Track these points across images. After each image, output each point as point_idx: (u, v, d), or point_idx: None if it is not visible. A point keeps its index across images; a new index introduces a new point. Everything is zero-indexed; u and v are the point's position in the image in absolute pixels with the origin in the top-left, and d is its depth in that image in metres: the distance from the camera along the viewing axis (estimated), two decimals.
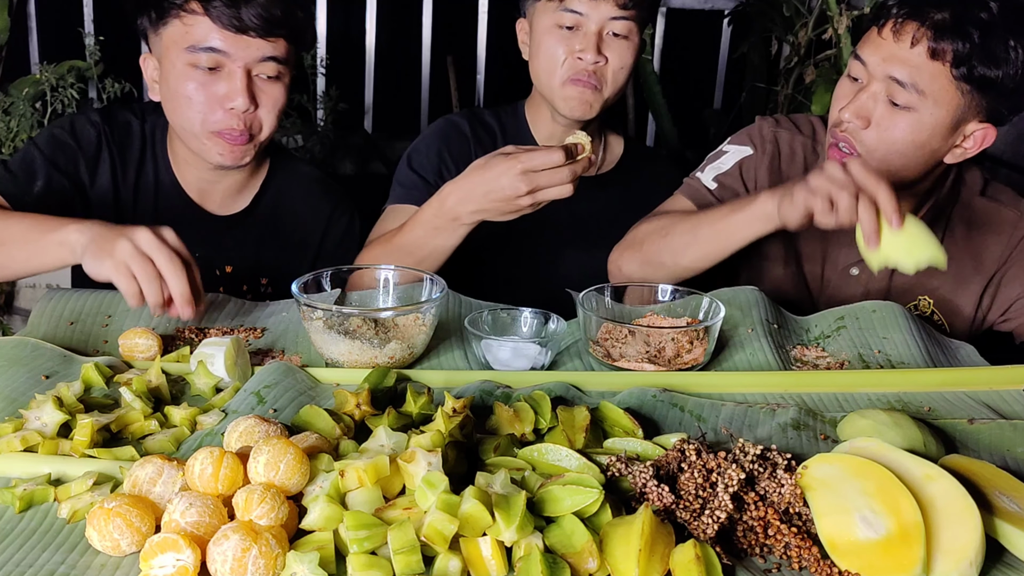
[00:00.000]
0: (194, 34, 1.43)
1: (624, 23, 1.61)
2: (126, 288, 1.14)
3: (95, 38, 2.95)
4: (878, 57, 1.38)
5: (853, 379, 1.21)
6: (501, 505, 0.78)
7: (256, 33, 1.43)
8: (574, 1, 1.60)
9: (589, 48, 1.60)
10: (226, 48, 1.43)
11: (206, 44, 1.43)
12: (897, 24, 1.36)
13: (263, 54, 1.45)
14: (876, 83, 1.39)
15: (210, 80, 1.45)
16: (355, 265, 1.34)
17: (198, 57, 1.44)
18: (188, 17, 1.43)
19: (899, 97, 1.37)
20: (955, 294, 1.56)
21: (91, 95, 3.03)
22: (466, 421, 0.95)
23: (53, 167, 1.53)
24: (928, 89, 1.35)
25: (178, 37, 1.45)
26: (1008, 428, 1.07)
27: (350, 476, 0.83)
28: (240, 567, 0.74)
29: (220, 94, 1.45)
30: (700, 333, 1.22)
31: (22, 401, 1.04)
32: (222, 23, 1.42)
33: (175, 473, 0.84)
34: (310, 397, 1.09)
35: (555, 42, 1.63)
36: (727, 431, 1.06)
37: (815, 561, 0.82)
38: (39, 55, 3.11)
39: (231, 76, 1.45)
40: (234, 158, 1.51)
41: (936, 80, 1.35)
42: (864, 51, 1.41)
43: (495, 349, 1.20)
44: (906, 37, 1.35)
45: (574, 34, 1.62)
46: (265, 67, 1.46)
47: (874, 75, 1.39)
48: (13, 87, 2.85)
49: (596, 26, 1.60)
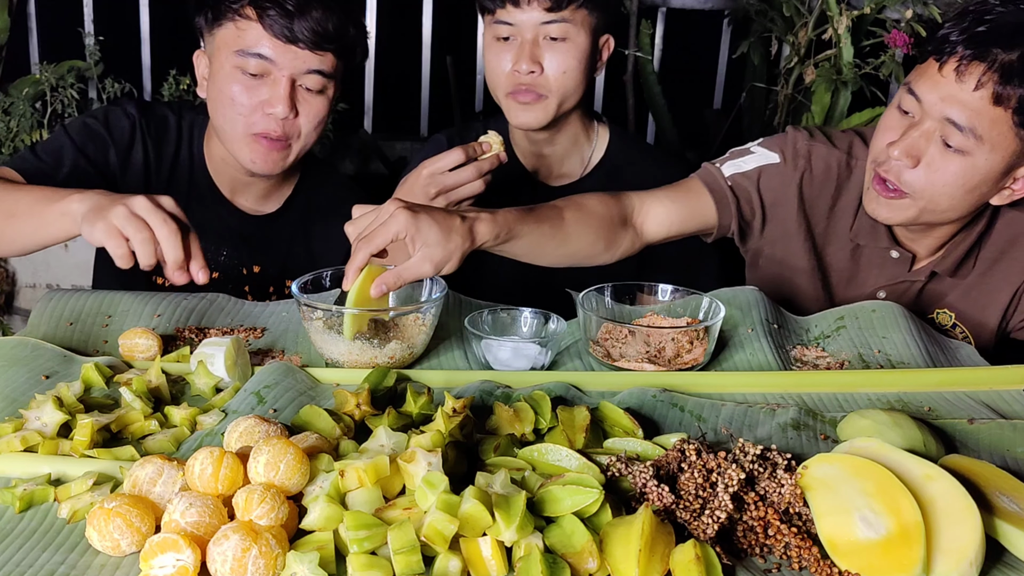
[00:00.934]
0: (245, 39, 1.46)
1: (559, 26, 1.57)
2: (115, 249, 1.13)
3: (95, 38, 2.95)
4: (936, 96, 1.31)
5: (853, 379, 1.21)
6: (501, 505, 0.78)
7: (305, 45, 1.45)
8: (503, 13, 1.58)
9: (523, 58, 1.58)
10: (274, 56, 1.46)
11: (255, 50, 1.45)
12: (962, 64, 1.28)
13: (309, 66, 1.47)
14: (930, 121, 1.32)
15: (255, 85, 1.48)
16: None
17: (246, 62, 1.46)
18: (242, 22, 1.46)
19: (953, 140, 1.31)
20: (982, 307, 1.52)
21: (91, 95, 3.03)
22: (466, 421, 0.95)
23: (81, 155, 1.54)
24: (986, 135, 1.29)
25: (230, 40, 1.48)
26: (1008, 428, 1.07)
27: (350, 476, 0.83)
28: (240, 567, 0.74)
29: (263, 99, 1.48)
30: (700, 333, 1.22)
31: (22, 401, 1.04)
32: (273, 32, 1.44)
33: (175, 473, 0.84)
34: (310, 397, 1.09)
35: (495, 55, 1.62)
36: (727, 431, 1.06)
37: (815, 561, 0.82)
38: (39, 55, 3.11)
39: (276, 84, 1.47)
40: (269, 165, 1.53)
41: (996, 126, 1.29)
42: (920, 86, 1.33)
43: (495, 349, 1.20)
44: (970, 79, 1.27)
45: (511, 45, 1.60)
46: (310, 79, 1.49)
47: (929, 113, 1.32)
48: (13, 87, 2.85)
49: (530, 34, 1.58)
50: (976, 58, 1.27)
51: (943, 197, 1.36)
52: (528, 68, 1.58)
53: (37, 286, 2.98)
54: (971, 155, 1.31)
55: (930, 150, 1.33)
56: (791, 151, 1.56)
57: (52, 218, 1.23)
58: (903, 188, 1.36)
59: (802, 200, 1.54)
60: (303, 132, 1.53)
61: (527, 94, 1.61)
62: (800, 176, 1.54)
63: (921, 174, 1.34)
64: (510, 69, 1.60)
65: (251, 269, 1.67)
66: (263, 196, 1.67)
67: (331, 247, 1.71)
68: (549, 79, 1.60)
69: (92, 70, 2.93)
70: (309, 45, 1.45)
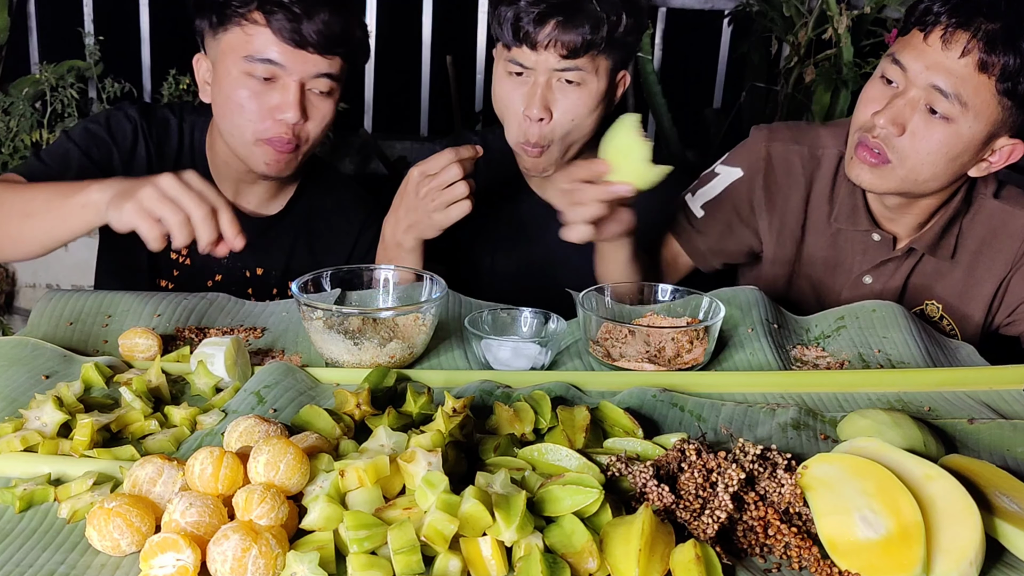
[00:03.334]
0: (253, 44, 1.45)
1: (574, 72, 1.52)
2: (147, 231, 1.13)
3: (95, 38, 2.95)
4: (921, 64, 1.34)
5: (853, 379, 1.21)
6: (501, 505, 0.78)
7: (315, 49, 1.44)
8: (518, 53, 1.53)
9: (534, 102, 1.53)
10: (283, 61, 1.45)
11: (264, 55, 1.44)
12: (947, 32, 1.31)
13: (318, 70, 1.47)
14: (915, 90, 1.35)
15: (264, 90, 1.46)
16: (355, 265, 1.34)
17: (254, 67, 1.45)
18: (249, 27, 1.44)
19: (939, 106, 1.34)
20: (967, 299, 1.54)
21: (91, 95, 3.03)
22: (466, 421, 0.95)
23: (86, 158, 1.54)
24: (971, 102, 1.32)
25: (237, 44, 1.46)
26: (1008, 428, 1.07)
27: (350, 476, 0.83)
28: (240, 567, 0.74)
29: (272, 104, 1.47)
30: (700, 333, 1.22)
31: (22, 401, 1.04)
32: (283, 36, 1.43)
33: (175, 473, 0.84)
34: (310, 397, 1.09)
35: (506, 91, 1.57)
36: (727, 431, 1.06)
37: (815, 561, 0.82)
38: (39, 55, 3.11)
39: (285, 89, 1.46)
40: (278, 168, 1.53)
41: (980, 93, 1.32)
42: (905, 56, 1.36)
43: (495, 349, 1.20)
44: (956, 46, 1.31)
45: (523, 81, 1.55)
46: (319, 83, 1.48)
47: (914, 82, 1.35)
48: (13, 87, 2.85)
49: (544, 76, 1.53)
50: (961, 26, 1.31)
51: (926, 165, 1.39)
52: (538, 114, 1.54)
53: (37, 286, 2.98)
54: (955, 122, 1.34)
55: (915, 118, 1.36)
56: (749, 158, 1.61)
57: (72, 211, 1.22)
58: (888, 154, 1.39)
59: (770, 200, 1.58)
60: (312, 135, 1.52)
61: (534, 147, 1.59)
62: (763, 178, 1.57)
63: (907, 141, 1.38)
64: (521, 111, 1.56)
65: (254, 271, 1.67)
66: (266, 198, 1.66)
67: (334, 248, 1.71)
68: (556, 128, 1.56)
69: (92, 70, 2.93)
70: (318, 49, 1.44)
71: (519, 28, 1.50)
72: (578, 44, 1.49)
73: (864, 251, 1.56)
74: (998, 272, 1.53)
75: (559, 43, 1.49)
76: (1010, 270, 1.53)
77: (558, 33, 1.49)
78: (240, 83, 1.47)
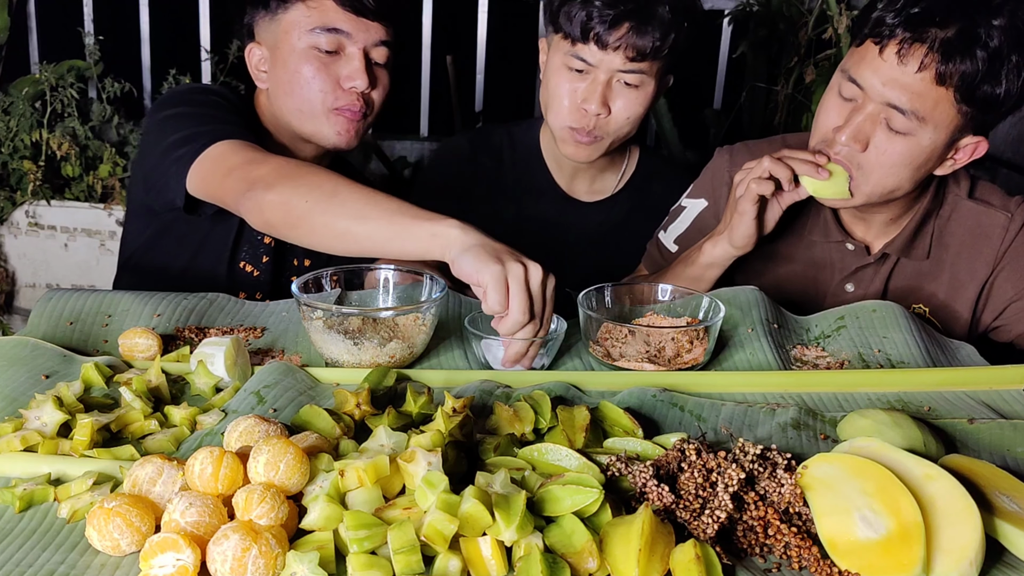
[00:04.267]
0: (317, 16, 1.51)
1: (636, 75, 1.57)
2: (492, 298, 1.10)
3: (95, 38, 2.95)
4: (877, 80, 1.31)
5: (853, 379, 1.21)
6: (501, 505, 0.78)
7: (373, 16, 1.51)
8: (583, 50, 1.55)
9: (594, 98, 1.57)
10: (348, 29, 1.51)
11: (331, 24, 1.50)
12: (903, 47, 1.28)
13: (379, 37, 1.54)
14: (872, 104, 1.33)
15: (330, 61, 1.52)
16: (355, 265, 1.34)
17: (320, 39, 1.51)
18: (312, 1, 1.51)
19: (896, 123, 1.32)
20: (951, 300, 1.54)
21: (91, 95, 3.04)
22: (466, 421, 0.95)
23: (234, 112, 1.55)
24: (929, 115, 1.30)
25: (300, 20, 1.51)
26: (1008, 428, 1.07)
27: (350, 476, 0.83)
28: (240, 567, 0.74)
29: (341, 75, 1.53)
30: (700, 333, 1.22)
31: (22, 401, 1.04)
32: (345, 5, 1.50)
33: (175, 473, 0.84)
34: (310, 397, 1.09)
35: (563, 83, 1.60)
36: (727, 431, 1.06)
37: (815, 561, 0.82)
38: (39, 55, 3.11)
39: (351, 58, 1.53)
40: (349, 137, 1.57)
41: (938, 105, 1.30)
42: (861, 72, 1.33)
43: (495, 349, 1.20)
44: (912, 62, 1.28)
45: (582, 79, 1.58)
46: (378, 51, 1.55)
47: (872, 97, 1.33)
48: (13, 87, 2.85)
49: (605, 76, 1.57)
50: (917, 40, 1.28)
51: (890, 177, 1.38)
52: (597, 110, 1.58)
53: (37, 286, 2.99)
54: (915, 135, 1.33)
55: (876, 133, 1.35)
56: (711, 186, 1.62)
57: (419, 234, 1.18)
58: (852, 170, 1.39)
59: None
60: (375, 106, 1.58)
61: (587, 135, 1.62)
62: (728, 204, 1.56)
63: (871, 156, 1.37)
64: (578, 104, 1.59)
65: (302, 262, 1.68)
66: None
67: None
68: (612, 123, 1.61)
69: (92, 70, 2.93)
70: (375, 16, 1.51)
71: (590, 27, 1.53)
72: (647, 49, 1.53)
73: (841, 259, 1.56)
74: (980, 273, 1.53)
75: (629, 46, 1.53)
76: (992, 271, 1.52)
77: (629, 37, 1.53)
78: (306, 58, 1.52)
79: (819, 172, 1.37)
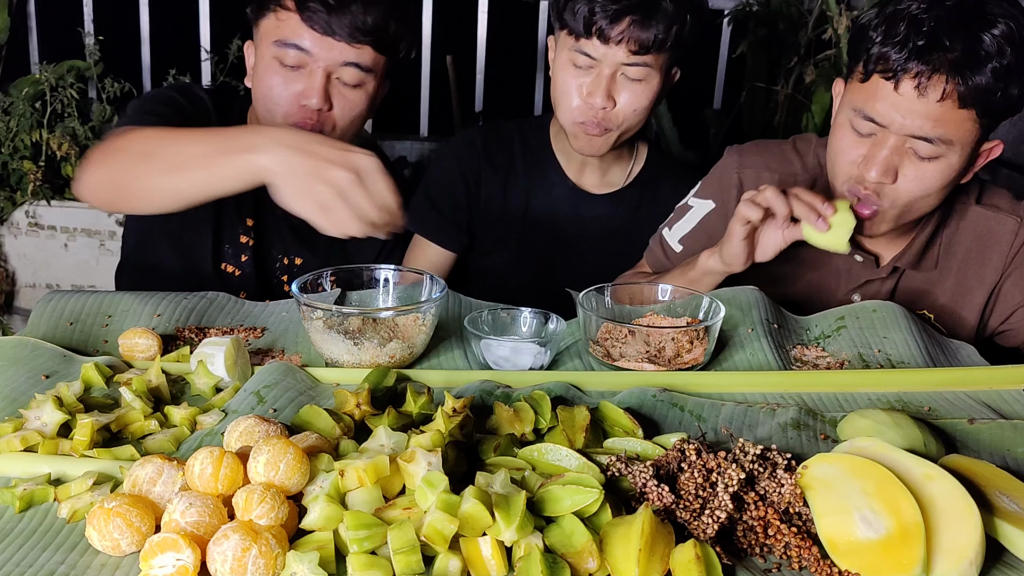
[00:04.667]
0: (284, 30, 1.48)
1: (640, 68, 1.58)
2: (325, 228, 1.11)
3: (95, 38, 2.95)
4: (898, 115, 1.29)
5: (853, 379, 1.21)
6: (501, 505, 0.78)
7: (342, 38, 1.46)
8: (587, 44, 1.57)
9: (598, 92, 1.58)
10: (310, 48, 1.47)
11: (293, 41, 1.47)
12: (922, 81, 1.26)
13: (345, 59, 1.48)
14: (895, 138, 1.32)
15: (292, 77, 1.50)
16: (355, 265, 1.34)
17: (284, 52, 1.48)
18: (282, 12, 1.48)
19: (924, 151, 1.31)
20: (958, 306, 1.53)
21: (91, 95, 3.03)
22: (466, 421, 0.95)
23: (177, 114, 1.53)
24: (955, 137, 1.30)
25: (270, 30, 1.50)
26: (1008, 428, 1.07)
27: (350, 476, 0.83)
28: (240, 567, 0.74)
29: (298, 91, 1.50)
30: (700, 333, 1.22)
31: (22, 401, 1.04)
32: (311, 23, 1.46)
33: (175, 473, 0.84)
34: (310, 397, 1.09)
35: (569, 78, 1.62)
36: (727, 431, 1.06)
37: (815, 561, 0.82)
38: (39, 55, 3.11)
39: (311, 75, 1.49)
40: None
41: (962, 126, 1.29)
42: (876, 109, 1.31)
43: (495, 349, 1.20)
44: (933, 92, 1.26)
45: (587, 73, 1.60)
46: (346, 72, 1.50)
47: (893, 131, 1.31)
48: (13, 87, 2.85)
49: (609, 69, 1.58)
50: (934, 71, 1.26)
51: (922, 200, 1.38)
52: (602, 104, 1.59)
53: (37, 286, 2.99)
54: (945, 157, 1.32)
55: (904, 164, 1.34)
56: (719, 188, 1.61)
57: (232, 172, 1.16)
58: (882, 203, 1.37)
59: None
60: (338, 125, 1.54)
61: (596, 127, 1.63)
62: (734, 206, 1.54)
63: (900, 186, 1.35)
64: (584, 98, 1.61)
65: (293, 261, 1.67)
66: None
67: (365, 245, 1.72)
68: (619, 115, 1.62)
69: (92, 70, 2.93)
70: (346, 38, 1.47)
71: (593, 22, 1.54)
72: (650, 42, 1.54)
73: (848, 271, 1.55)
74: (989, 279, 1.51)
75: (631, 40, 1.54)
76: (1001, 276, 1.51)
77: (632, 30, 1.53)
78: (271, 68, 1.50)
79: (818, 222, 1.33)
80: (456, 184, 1.79)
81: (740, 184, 1.57)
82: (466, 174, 1.79)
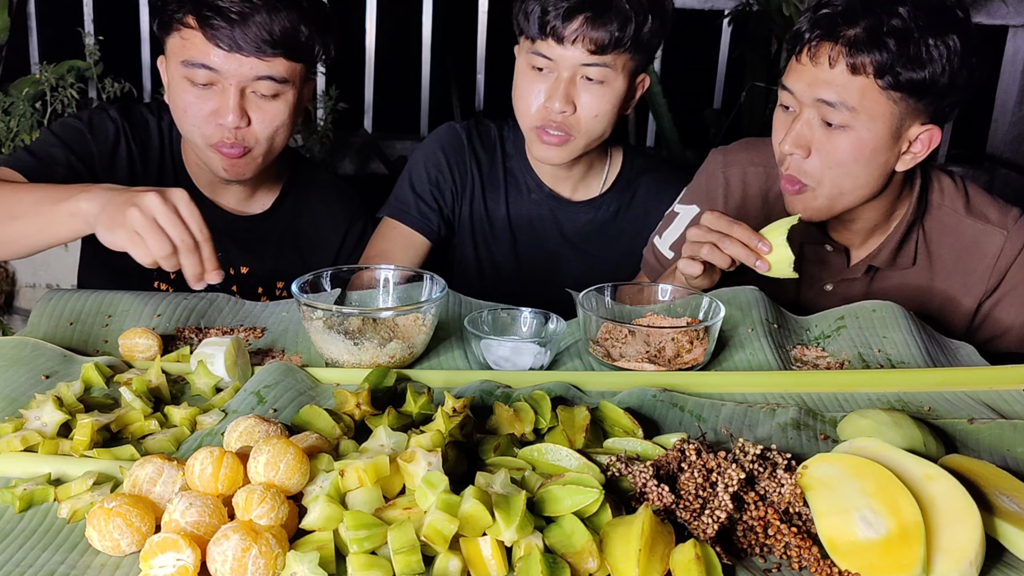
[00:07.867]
0: (189, 49, 1.44)
1: (599, 69, 1.53)
2: (139, 255, 1.13)
3: (95, 38, 2.95)
4: (803, 84, 1.37)
5: (853, 379, 1.21)
6: (501, 505, 0.78)
7: (250, 53, 1.42)
8: (543, 46, 1.54)
9: (557, 95, 1.55)
10: (218, 66, 1.43)
11: (199, 60, 1.43)
12: (812, 48, 1.35)
13: (257, 73, 1.44)
14: (807, 109, 1.37)
15: (204, 95, 1.45)
16: (355, 265, 1.34)
17: (193, 72, 1.44)
18: (185, 31, 1.44)
19: (832, 117, 1.35)
20: (943, 313, 1.53)
21: (91, 95, 3.03)
22: (466, 421, 0.95)
23: (72, 153, 1.53)
24: (859, 105, 1.33)
25: (177, 50, 1.46)
26: (1008, 428, 1.07)
27: (350, 476, 0.83)
28: (240, 567, 0.74)
29: (211, 109, 1.45)
30: (700, 333, 1.22)
31: (22, 401, 1.04)
32: (216, 41, 1.41)
33: (175, 473, 0.84)
34: (310, 397, 1.09)
35: (528, 83, 1.59)
36: (727, 431, 1.06)
37: (815, 561, 0.82)
38: (39, 55, 3.11)
39: (223, 93, 1.45)
40: (236, 172, 1.52)
41: (865, 94, 1.33)
42: (790, 80, 1.40)
43: (495, 349, 1.20)
44: (823, 59, 1.34)
45: (545, 77, 1.57)
46: (261, 85, 1.45)
47: (803, 102, 1.38)
48: (13, 87, 2.85)
49: (568, 72, 1.54)
50: (823, 38, 1.34)
51: (844, 178, 1.40)
52: (561, 108, 1.55)
53: (37, 286, 2.99)
54: (853, 128, 1.36)
55: (816, 135, 1.38)
56: (705, 191, 1.62)
57: (59, 218, 1.21)
58: (804, 180, 1.41)
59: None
60: (260, 138, 1.49)
61: (554, 134, 1.59)
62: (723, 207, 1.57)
63: (815, 160, 1.39)
64: (542, 103, 1.57)
65: (238, 270, 1.66)
66: (245, 197, 1.65)
67: (321, 247, 1.71)
68: (580, 120, 1.58)
69: (92, 70, 2.93)
70: (254, 52, 1.42)
71: (546, 22, 1.52)
72: (606, 41, 1.51)
73: (824, 262, 1.56)
74: (975, 289, 1.52)
75: (587, 39, 1.51)
76: (992, 291, 1.51)
77: (586, 29, 1.51)
78: (182, 88, 1.46)
79: (758, 264, 1.33)
80: (440, 169, 1.75)
81: (726, 183, 1.59)
82: (451, 162, 1.75)
